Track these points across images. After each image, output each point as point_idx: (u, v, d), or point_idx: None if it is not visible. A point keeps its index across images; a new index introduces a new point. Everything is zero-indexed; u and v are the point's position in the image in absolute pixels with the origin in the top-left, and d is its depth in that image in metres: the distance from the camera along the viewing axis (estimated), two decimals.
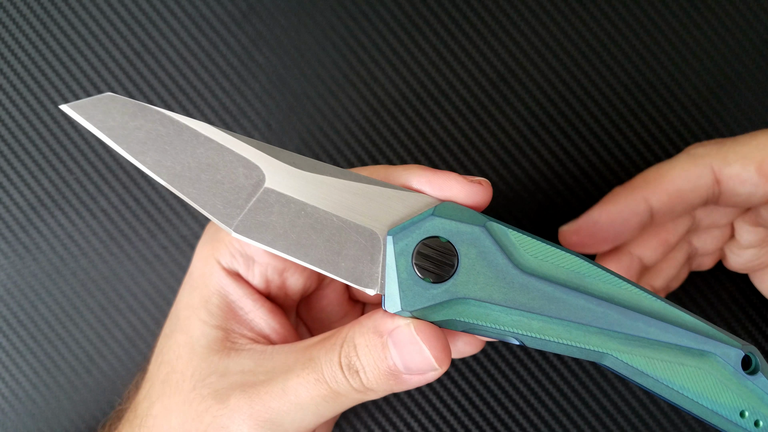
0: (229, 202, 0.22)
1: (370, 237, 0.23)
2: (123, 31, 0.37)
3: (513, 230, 0.22)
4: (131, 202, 0.36)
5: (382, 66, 0.37)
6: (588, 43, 0.36)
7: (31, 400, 0.36)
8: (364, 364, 0.23)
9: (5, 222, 0.36)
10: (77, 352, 0.36)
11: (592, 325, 0.22)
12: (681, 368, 0.23)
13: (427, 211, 0.22)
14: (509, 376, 0.36)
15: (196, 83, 0.37)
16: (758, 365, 0.23)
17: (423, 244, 0.22)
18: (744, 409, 0.23)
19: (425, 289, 0.22)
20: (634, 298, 0.23)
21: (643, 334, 0.22)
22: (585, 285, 0.22)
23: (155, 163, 0.22)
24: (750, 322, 0.36)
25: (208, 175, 0.22)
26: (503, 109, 0.37)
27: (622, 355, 0.22)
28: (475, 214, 0.23)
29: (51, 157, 0.37)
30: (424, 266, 0.22)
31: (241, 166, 0.23)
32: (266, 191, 0.23)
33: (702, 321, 0.23)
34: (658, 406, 0.36)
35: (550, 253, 0.22)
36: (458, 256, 0.22)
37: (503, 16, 0.37)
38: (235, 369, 0.25)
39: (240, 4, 0.37)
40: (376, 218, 0.23)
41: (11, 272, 0.36)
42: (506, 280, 0.22)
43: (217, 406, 0.24)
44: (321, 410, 0.24)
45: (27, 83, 0.37)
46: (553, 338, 0.22)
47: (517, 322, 0.22)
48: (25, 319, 0.36)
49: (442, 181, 0.23)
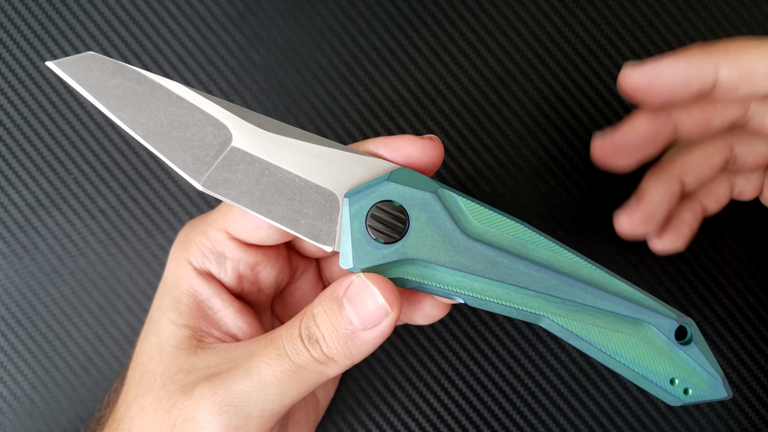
0: (197, 158, 0.24)
1: (329, 198, 0.24)
2: (120, 31, 0.37)
3: (463, 197, 0.24)
4: (129, 203, 0.37)
5: (379, 67, 0.37)
6: (585, 43, 0.36)
7: (30, 399, 0.36)
8: (323, 331, 0.24)
9: (3, 222, 0.37)
10: (75, 352, 0.36)
11: (530, 289, 0.23)
12: (615, 334, 0.24)
13: (383, 176, 0.24)
14: (506, 376, 0.36)
15: (193, 84, 0.37)
16: (692, 336, 0.24)
17: (377, 207, 0.23)
18: (674, 377, 0.24)
19: (376, 249, 0.23)
20: (574, 265, 0.24)
21: (580, 300, 0.24)
22: (526, 251, 0.24)
23: (131, 119, 0.23)
24: (685, 297, 0.36)
25: (179, 132, 0.24)
26: (500, 110, 0.37)
27: (558, 318, 0.24)
28: (428, 181, 0.24)
29: (49, 157, 0.37)
30: (377, 228, 0.23)
31: (210, 125, 0.24)
32: (233, 150, 0.24)
33: (640, 291, 0.24)
34: (656, 406, 0.36)
35: (495, 220, 0.24)
36: (409, 220, 0.23)
37: (500, 16, 0.37)
38: (202, 365, 0.25)
39: (237, 4, 0.37)
40: (335, 180, 0.24)
41: (9, 272, 0.36)
42: (452, 243, 0.23)
43: (183, 399, 0.24)
44: (284, 388, 0.24)
45: (25, 84, 0.37)
46: (493, 299, 0.24)
47: (461, 282, 0.24)
48: (24, 319, 0.36)
49: (395, 141, 0.24)
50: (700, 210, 0.32)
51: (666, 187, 0.30)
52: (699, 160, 0.30)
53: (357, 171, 0.24)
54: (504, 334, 0.36)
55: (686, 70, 0.27)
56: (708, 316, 0.36)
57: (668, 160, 0.30)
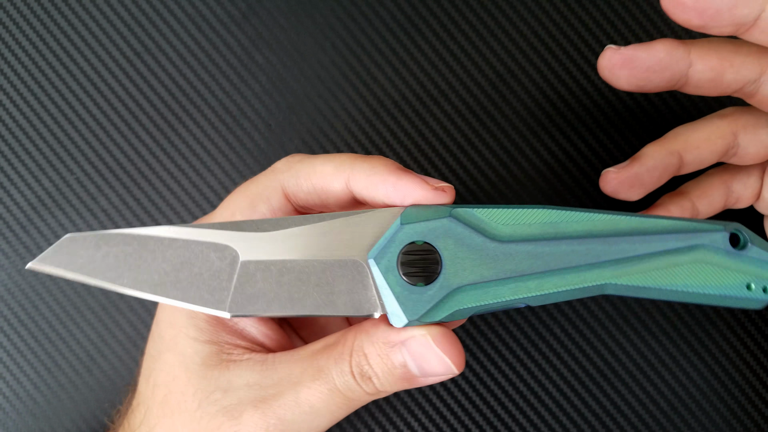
0: (214, 289, 0.23)
1: (354, 267, 0.23)
2: (123, 31, 0.37)
3: (478, 208, 0.23)
4: (132, 202, 0.37)
5: (381, 66, 0.37)
6: (587, 43, 0.36)
7: (32, 399, 0.36)
8: (377, 372, 0.23)
9: (6, 222, 0.37)
10: (78, 351, 0.36)
11: (581, 264, 0.23)
12: (677, 269, 0.24)
13: (394, 223, 0.23)
14: (509, 376, 0.36)
15: (195, 83, 0.37)
16: (746, 239, 0.24)
17: (403, 254, 0.23)
18: (748, 282, 0.24)
19: (422, 293, 0.22)
20: (610, 223, 0.24)
21: (631, 253, 0.23)
22: (561, 231, 0.23)
23: (134, 281, 0.23)
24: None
25: (185, 272, 0.23)
26: (502, 110, 0.37)
27: (619, 279, 0.23)
28: (438, 208, 0.23)
29: (51, 156, 0.37)
30: (412, 273, 0.22)
31: (212, 251, 0.23)
32: (243, 264, 0.23)
33: (680, 220, 0.24)
34: (658, 406, 0.36)
35: (518, 215, 0.23)
36: (438, 252, 0.23)
37: (502, 16, 0.37)
38: (239, 382, 0.25)
39: (240, 4, 0.37)
40: (352, 247, 0.23)
41: (12, 272, 0.36)
42: (489, 255, 0.23)
43: (230, 423, 0.24)
44: (335, 414, 0.24)
45: (27, 83, 0.37)
46: (551, 290, 0.23)
47: (515, 288, 0.23)
48: (26, 318, 0.36)
49: (405, 189, 0.24)
50: (689, 210, 0.32)
51: (664, 156, 0.29)
52: (702, 140, 0.30)
53: (367, 229, 0.23)
54: (506, 334, 0.36)
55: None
56: (709, 315, 0.36)
57: (672, 135, 0.30)
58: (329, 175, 0.25)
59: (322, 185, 0.26)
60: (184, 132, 0.37)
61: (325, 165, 0.25)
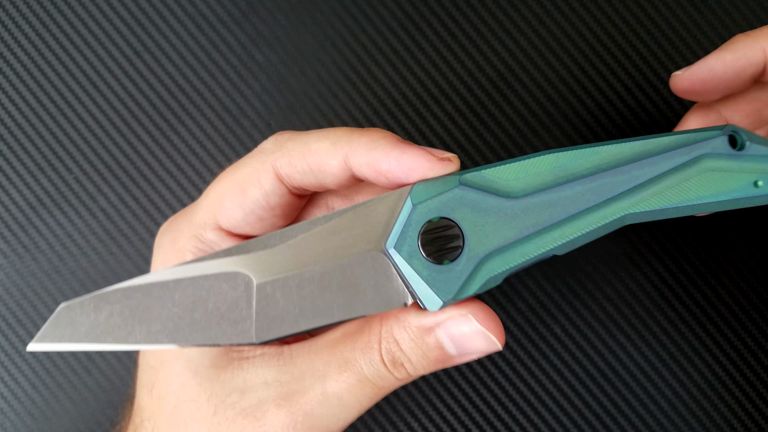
0: (234, 320, 0.22)
1: (374, 260, 0.22)
2: (123, 30, 0.37)
3: (485, 169, 0.23)
4: (131, 202, 0.36)
5: (382, 65, 0.37)
6: (588, 42, 0.36)
7: (31, 399, 0.36)
8: (411, 357, 0.23)
9: (5, 221, 0.36)
10: (77, 352, 0.36)
11: (599, 201, 0.23)
12: (688, 184, 0.24)
13: (405, 205, 0.22)
14: (509, 375, 0.36)
15: (195, 83, 0.37)
16: (744, 138, 0.25)
17: (422, 235, 0.22)
18: (755, 179, 0.25)
19: (450, 271, 0.22)
20: (616, 153, 0.23)
21: (642, 178, 0.23)
22: (571, 172, 0.23)
23: (146, 335, 0.21)
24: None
25: (200, 311, 0.22)
26: (503, 109, 0.37)
27: (636, 207, 0.23)
28: (446, 178, 0.23)
29: (50, 156, 0.37)
30: (436, 252, 0.22)
31: (223, 282, 0.22)
32: (259, 287, 0.22)
33: (679, 133, 0.24)
34: (659, 406, 0.36)
35: (525, 167, 0.23)
36: (458, 224, 0.22)
37: (503, 15, 0.37)
38: (256, 381, 0.24)
39: (240, 3, 0.37)
40: (367, 240, 0.22)
41: (10, 272, 0.36)
42: (508, 214, 0.22)
43: (253, 425, 0.23)
44: (363, 404, 0.23)
45: (26, 82, 0.37)
46: (575, 234, 0.23)
47: (540, 242, 0.22)
48: (25, 318, 0.36)
49: (410, 163, 0.22)
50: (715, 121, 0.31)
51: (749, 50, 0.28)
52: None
53: (377, 218, 0.22)
54: (506, 333, 0.36)
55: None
56: (710, 314, 0.36)
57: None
58: (325, 153, 0.23)
59: (318, 164, 0.24)
60: (184, 131, 0.37)
61: (320, 142, 0.24)
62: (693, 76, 0.28)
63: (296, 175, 0.24)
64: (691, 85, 0.28)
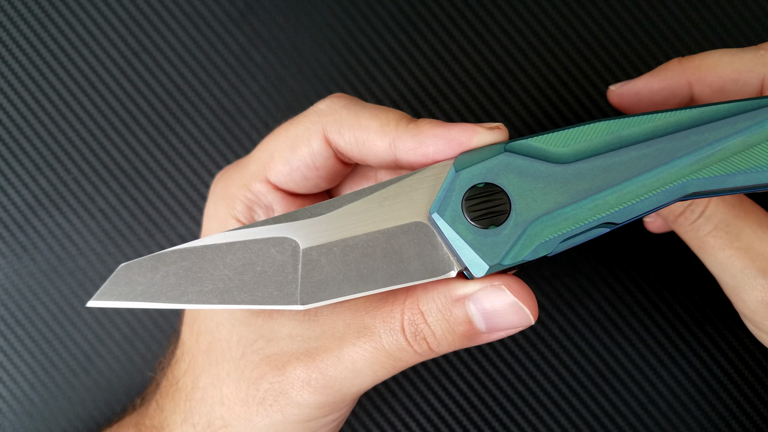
0: (281, 284, 0.22)
1: (418, 229, 0.22)
2: (120, 30, 0.37)
3: (531, 137, 0.22)
4: (129, 202, 0.36)
5: (379, 65, 0.37)
6: (586, 43, 0.36)
7: (29, 400, 0.36)
8: (435, 330, 0.22)
9: (3, 222, 0.36)
10: (75, 352, 0.36)
11: (657, 167, 0.22)
12: (755, 150, 0.22)
13: (449, 173, 0.22)
14: (507, 376, 0.36)
15: (194, 83, 0.37)
16: None
17: (466, 200, 0.21)
18: None
19: (496, 236, 0.21)
20: (672, 121, 0.22)
21: (703, 143, 0.22)
22: (624, 137, 0.22)
23: (199, 295, 0.22)
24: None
25: (249, 273, 0.23)
26: (501, 109, 0.36)
27: (699, 173, 0.22)
28: (491, 147, 0.22)
29: (49, 156, 0.37)
30: (480, 216, 0.21)
31: (271, 247, 0.23)
32: (306, 252, 0.23)
33: (739, 101, 0.23)
34: (657, 407, 0.36)
35: (575, 134, 0.22)
36: (504, 189, 0.21)
37: (501, 15, 0.37)
38: (282, 332, 0.24)
39: (238, 3, 0.37)
40: (411, 211, 0.22)
41: (9, 272, 0.36)
42: (558, 179, 0.22)
43: (273, 373, 0.24)
44: (378, 375, 0.23)
45: (24, 83, 0.37)
46: (634, 200, 0.22)
47: (594, 207, 0.22)
48: (23, 319, 0.36)
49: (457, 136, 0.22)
50: None
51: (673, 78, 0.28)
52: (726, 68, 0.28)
53: (423, 190, 0.22)
54: None
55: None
56: (709, 314, 0.36)
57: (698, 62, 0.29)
58: (373, 132, 0.24)
59: (364, 140, 0.24)
60: (182, 132, 0.37)
61: (370, 121, 0.24)
62: (622, 95, 0.29)
63: (342, 143, 0.25)
64: (620, 102, 0.29)
